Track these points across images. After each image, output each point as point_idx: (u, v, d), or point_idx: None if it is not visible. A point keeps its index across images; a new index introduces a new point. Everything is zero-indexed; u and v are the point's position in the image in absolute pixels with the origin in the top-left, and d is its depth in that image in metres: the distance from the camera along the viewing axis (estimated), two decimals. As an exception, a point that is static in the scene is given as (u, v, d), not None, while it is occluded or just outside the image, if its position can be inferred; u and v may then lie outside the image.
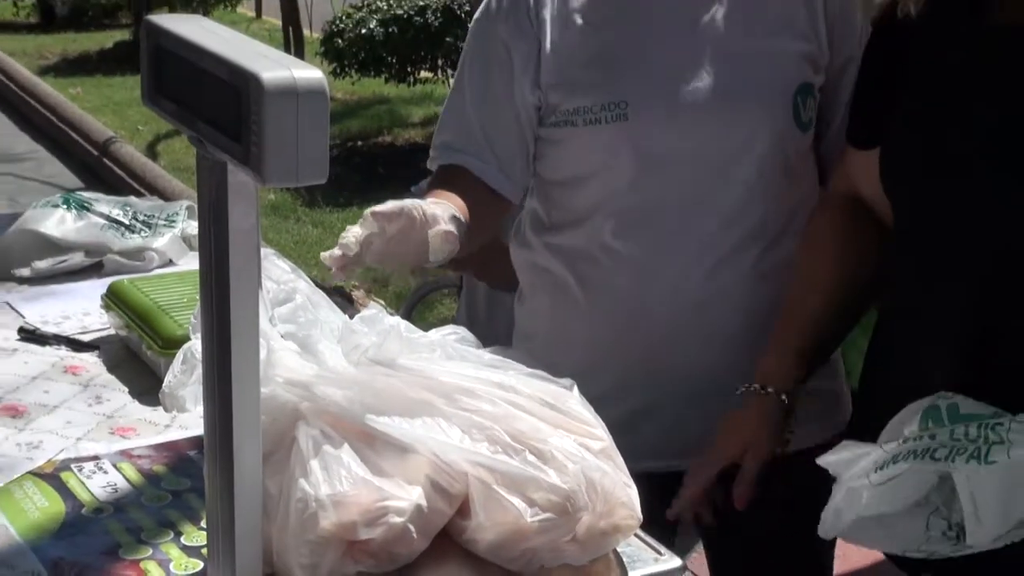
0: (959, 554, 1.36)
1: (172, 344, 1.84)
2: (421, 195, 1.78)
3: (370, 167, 6.41)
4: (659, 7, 1.84)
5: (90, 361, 1.99)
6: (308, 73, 0.95)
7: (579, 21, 1.84)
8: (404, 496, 1.30)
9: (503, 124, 1.87)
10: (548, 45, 1.84)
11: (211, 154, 1.04)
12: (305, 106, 0.95)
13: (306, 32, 9.04)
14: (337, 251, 1.59)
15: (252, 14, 11.22)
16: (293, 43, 8.62)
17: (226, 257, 1.07)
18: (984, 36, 1.49)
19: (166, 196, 5.13)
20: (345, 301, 2.92)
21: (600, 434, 1.38)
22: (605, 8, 1.85)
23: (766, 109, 1.82)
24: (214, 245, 1.08)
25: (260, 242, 1.09)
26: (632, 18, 1.84)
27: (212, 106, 1.01)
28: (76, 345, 2.04)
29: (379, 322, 1.45)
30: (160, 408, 1.82)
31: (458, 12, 7.07)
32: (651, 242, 1.85)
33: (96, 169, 6.66)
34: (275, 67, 0.95)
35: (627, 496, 1.35)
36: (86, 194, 2.51)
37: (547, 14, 1.84)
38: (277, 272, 1.58)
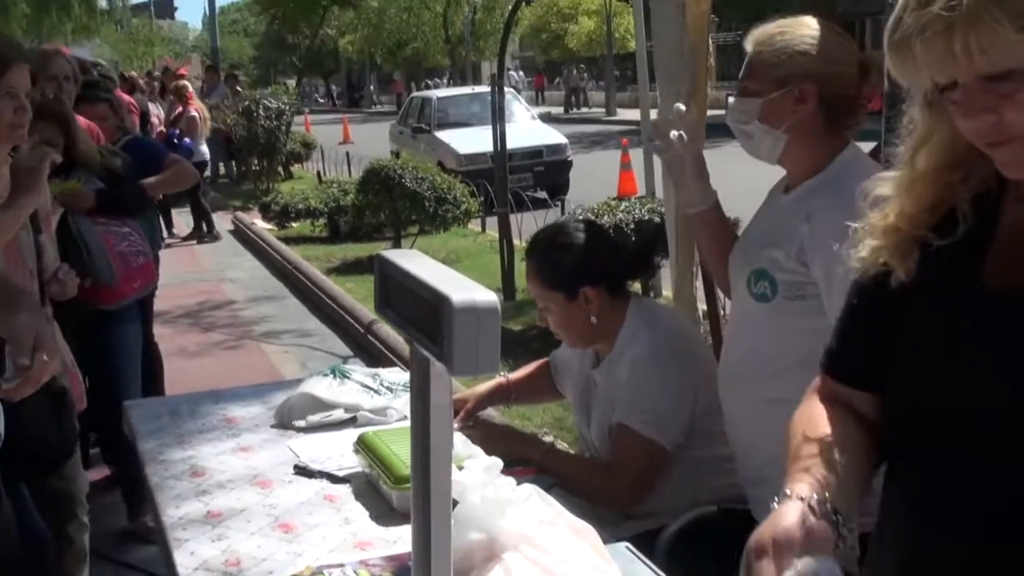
0: None
1: (400, 481, 1.89)
2: None
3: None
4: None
5: (343, 491, 2.03)
6: (486, 296, 0.99)
7: None
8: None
9: None
10: None
11: (418, 350, 1.09)
12: (483, 320, 0.98)
13: (516, 241, 9.25)
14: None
15: (479, 230, 11.54)
16: (506, 250, 8.82)
17: (428, 422, 1.11)
18: (978, 300, 1.16)
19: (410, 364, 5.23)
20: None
21: None
22: None
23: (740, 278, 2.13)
24: (420, 414, 1.12)
25: (452, 414, 1.13)
26: None
27: (420, 317, 1.06)
28: (333, 479, 2.08)
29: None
30: (392, 528, 1.86)
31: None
32: None
33: (363, 343, 6.86)
34: (463, 292, 0.99)
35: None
36: (347, 366, 2.61)
37: None
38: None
